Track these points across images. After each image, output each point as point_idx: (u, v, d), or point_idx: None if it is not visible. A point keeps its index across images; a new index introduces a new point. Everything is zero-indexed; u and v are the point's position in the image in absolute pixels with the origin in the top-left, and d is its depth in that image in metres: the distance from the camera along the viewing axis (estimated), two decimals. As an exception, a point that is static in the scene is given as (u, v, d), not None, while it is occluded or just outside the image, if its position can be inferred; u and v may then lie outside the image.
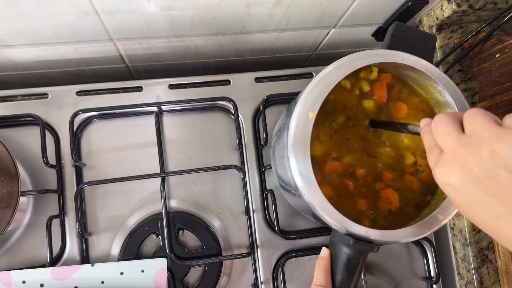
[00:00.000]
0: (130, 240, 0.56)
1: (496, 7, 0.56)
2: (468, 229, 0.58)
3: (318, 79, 0.42)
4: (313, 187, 0.40)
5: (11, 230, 0.54)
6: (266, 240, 0.58)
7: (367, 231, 0.40)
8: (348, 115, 0.46)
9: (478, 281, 0.58)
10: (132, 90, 0.60)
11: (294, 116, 0.41)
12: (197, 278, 0.57)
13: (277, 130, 0.53)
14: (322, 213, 0.40)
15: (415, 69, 0.44)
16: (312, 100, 0.41)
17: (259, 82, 0.63)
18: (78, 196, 0.54)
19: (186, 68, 0.72)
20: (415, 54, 0.43)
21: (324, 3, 0.54)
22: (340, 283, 0.41)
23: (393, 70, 0.46)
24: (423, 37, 0.47)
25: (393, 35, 0.46)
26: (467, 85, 0.61)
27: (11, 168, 0.50)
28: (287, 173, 0.43)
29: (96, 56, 0.62)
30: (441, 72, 0.44)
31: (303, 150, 0.40)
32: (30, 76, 0.66)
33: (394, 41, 0.46)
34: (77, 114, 0.56)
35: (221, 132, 0.61)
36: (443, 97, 0.44)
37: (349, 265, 0.41)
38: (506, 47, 0.52)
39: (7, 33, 0.52)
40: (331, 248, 0.43)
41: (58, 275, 0.52)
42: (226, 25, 0.57)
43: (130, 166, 0.58)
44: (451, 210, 0.42)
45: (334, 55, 0.74)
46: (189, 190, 0.59)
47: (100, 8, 0.49)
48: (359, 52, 0.43)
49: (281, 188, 0.54)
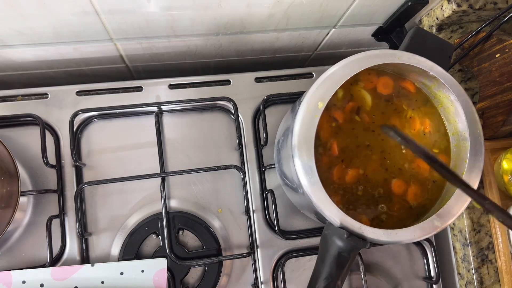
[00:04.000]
0: (130, 240, 0.56)
1: (496, 7, 0.56)
2: (468, 229, 0.58)
3: (332, 70, 0.42)
4: (313, 178, 0.40)
5: (11, 230, 0.54)
6: (266, 240, 0.58)
7: (361, 227, 0.40)
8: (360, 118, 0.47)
9: (478, 281, 0.58)
10: (132, 90, 0.60)
11: (303, 105, 0.42)
12: (197, 278, 0.57)
13: (284, 121, 0.53)
14: (319, 203, 0.40)
15: (429, 76, 0.44)
16: (323, 90, 0.42)
17: (259, 82, 0.63)
18: (78, 196, 0.54)
19: (186, 68, 0.72)
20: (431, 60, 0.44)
21: (324, 3, 0.54)
22: (328, 275, 0.41)
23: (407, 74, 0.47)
24: (441, 45, 0.47)
25: (411, 38, 0.46)
26: (467, 85, 0.61)
27: (11, 168, 0.50)
28: (290, 164, 0.43)
29: (96, 56, 0.62)
30: (455, 80, 0.44)
31: (309, 140, 0.41)
32: (30, 76, 0.66)
33: (412, 45, 0.46)
34: (77, 114, 0.55)
35: (221, 132, 0.61)
36: (453, 107, 0.45)
37: (339, 259, 0.41)
38: (506, 47, 0.52)
39: (7, 33, 0.52)
40: (323, 241, 0.42)
41: (58, 275, 0.52)
42: (226, 25, 0.57)
43: (130, 166, 0.58)
44: (449, 217, 0.42)
45: (334, 55, 0.74)
46: (189, 190, 0.59)
47: (100, 8, 0.49)
48: (376, 49, 0.43)
49: (284, 186, 0.54)
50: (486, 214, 0.58)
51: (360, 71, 0.43)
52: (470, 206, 0.58)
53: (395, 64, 0.45)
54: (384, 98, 0.48)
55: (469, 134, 0.44)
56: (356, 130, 0.46)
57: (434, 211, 0.43)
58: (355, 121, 0.47)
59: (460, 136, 0.45)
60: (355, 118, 0.46)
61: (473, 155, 0.43)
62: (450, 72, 0.60)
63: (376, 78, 0.47)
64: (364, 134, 0.47)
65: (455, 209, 0.42)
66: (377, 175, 0.46)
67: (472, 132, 0.44)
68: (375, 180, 0.46)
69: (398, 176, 0.46)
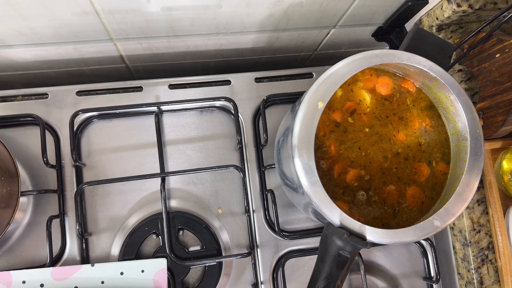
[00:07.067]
0: (130, 240, 0.56)
1: (496, 7, 0.56)
2: (468, 229, 0.58)
3: (331, 71, 0.42)
4: (313, 178, 0.40)
5: (11, 230, 0.54)
6: (266, 240, 0.58)
7: (361, 227, 0.40)
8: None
9: (478, 281, 0.58)
10: (132, 90, 0.60)
11: (303, 105, 0.42)
12: (197, 278, 0.57)
13: (284, 121, 0.53)
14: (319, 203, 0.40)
15: (429, 76, 0.44)
16: (323, 90, 0.42)
17: (259, 82, 0.63)
18: (78, 196, 0.54)
19: (186, 68, 0.72)
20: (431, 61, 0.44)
21: (324, 3, 0.54)
22: (328, 275, 0.41)
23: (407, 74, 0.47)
24: (441, 45, 0.47)
25: (412, 38, 0.46)
26: (467, 85, 0.61)
27: (11, 168, 0.50)
28: (290, 164, 0.43)
29: (96, 56, 0.62)
30: (455, 80, 0.44)
31: (309, 140, 0.41)
32: (30, 76, 0.66)
33: (412, 45, 0.46)
34: (77, 114, 0.55)
35: (221, 132, 0.61)
36: (453, 107, 0.45)
37: (339, 259, 0.41)
38: (506, 47, 0.52)
39: (7, 33, 0.52)
40: (323, 241, 0.42)
41: (58, 275, 0.52)
42: (226, 25, 0.57)
43: (130, 166, 0.58)
44: (449, 217, 0.42)
45: (334, 55, 0.74)
46: (189, 190, 0.59)
47: (100, 8, 0.49)
48: (376, 49, 0.43)
49: (284, 186, 0.54)
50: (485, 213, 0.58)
51: (360, 71, 0.43)
52: (470, 206, 0.58)
53: (395, 64, 0.45)
54: (383, 98, 0.48)
55: (469, 134, 0.44)
56: (356, 130, 0.46)
57: (434, 211, 0.43)
58: (354, 121, 0.47)
59: (460, 136, 0.45)
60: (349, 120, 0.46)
61: (473, 155, 0.43)
62: (450, 72, 0.60)
63: (375, 78, 0.48)
64: (364, 134, 0.47)
65: (455, 209, 0.42)
66: (377, 175, 0.46)
67: (472, 132, 0.44)
68: (376, 180, 0.46)
69: (398, 176, 0.46)
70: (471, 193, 0.43)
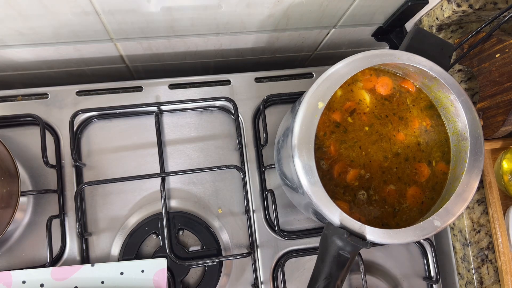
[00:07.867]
0: (130, 240, 0.56)
1: (496, 7, 0.56)
2: (468, 229, 0.58)
3: (331, 71, 0.42)
4: (313, 178, 0.40)
5: (11, 230, 0.54)
6: (266, 240, 0.58)
7: (361, 227, 0.40)
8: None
9: (478, 281, 0.58)
10: (132, 90, 0.60)
11: (303, 104, 0.42)
12: (197, 278, 0.57)
13: (284, 121, 0.53)
14: (319, 203, 0.40)
15: (429, 76, 0.44)
16: (323, 90, 0.42)
17: (259, 82, 0.63)
18: (78, 196, 0.54)
19: (186, 68, 0.72)
20: (431, 61, 0.44)
21: (324, 3, 0.54)
22: (328, 275, 0.41)
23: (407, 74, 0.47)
24: (441, 45, 0.47)
25: (411, 38, 0.46)
26: (467, 85, 0.61)
27: (11, 168, 0.50)
28: (290, 164, 0.43)
29: (96, 56, 0.62)
30: (455, 80, 0.44)
31: (309, 140, 0.41)
32: (30, 76, 0.66)
33: (412, 45, 0.46)
34: (77, 114, 0.55)
35: (221, 132, 0.61)
36: (453, 107, 0.45)
37: (339, 259, 0.41)
38: (506, 47, 0.52)
39: (7, 33, 0.52)
40: (323, 241, 0.42)
41: (58, 275, 0.52)
42: (226, 25, 0.57)
43: (130, 166, 0.58)
44: (449, 217, 0.42)
45: (334, 55, 0.74)
46: (189, 190, 0.59)
47: (100, 8, 0.49)
48: (376, 49, 0.43)
49: (284, 186, 0.54)
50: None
51: (360, 71, 0.43)
52: (470, 206, 0.58)
53: (395, 64, 0.45)
54: (383, 98, 0.48)
55: (469, 134, 0.44)
56: (356, 129, 0.46)
57: (434, 211, 0.43)
58: (354, 121, 0.47)
59: (460, 136, 0.45)
60: (349, 120, 0.46)
61: (473, 155, 0.43)
62: (450, 72, 0.60)
63: (375, 78, 0.48)
64: (364, 133, 0.47)
65: (455, 209, 0.42)
66: (377, 174, 0.46)
67: (472, 132, 0.44)
68: (376, 179, 0.46)
69: (398, 176, 0.46)
70: (471, 193, 0.43)
